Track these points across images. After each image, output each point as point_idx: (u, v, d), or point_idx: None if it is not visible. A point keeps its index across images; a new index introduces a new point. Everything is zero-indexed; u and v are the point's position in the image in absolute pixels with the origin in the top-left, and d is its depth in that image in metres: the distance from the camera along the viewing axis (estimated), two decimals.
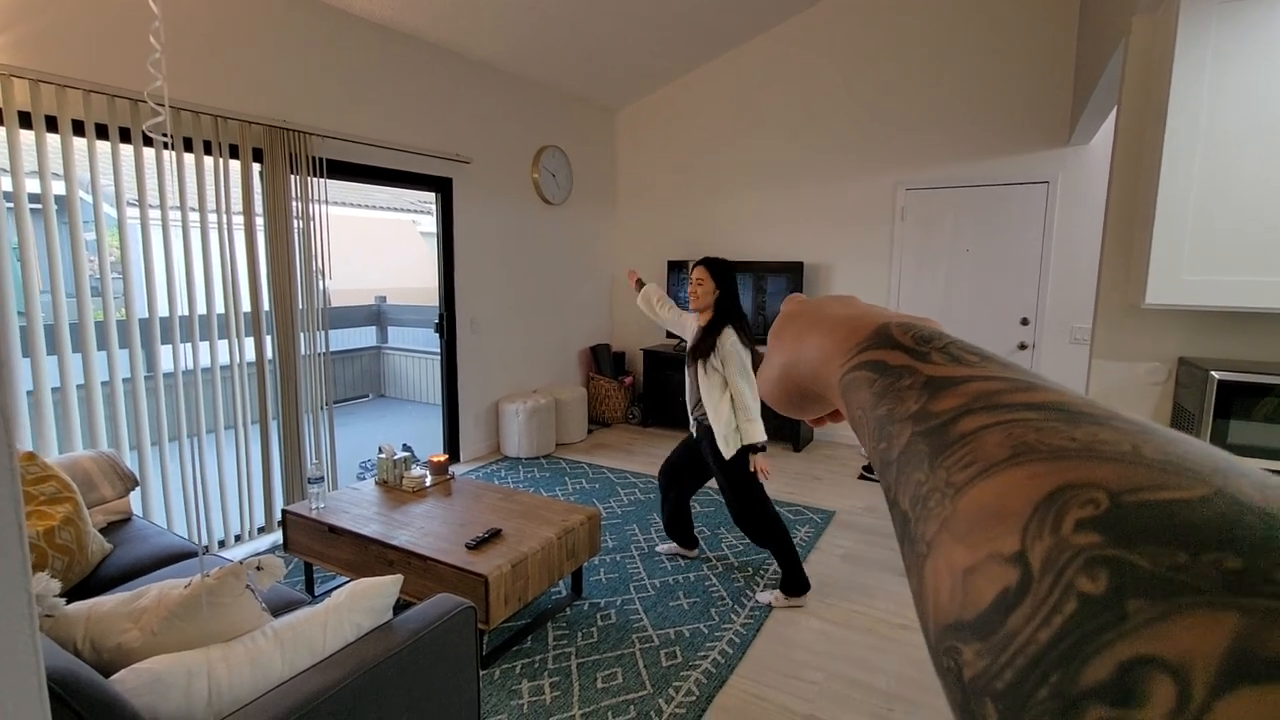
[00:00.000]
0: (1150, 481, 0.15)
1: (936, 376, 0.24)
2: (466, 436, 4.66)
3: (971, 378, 0.23)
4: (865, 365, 0.28)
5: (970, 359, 0.24)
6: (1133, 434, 0.17)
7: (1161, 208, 1.78)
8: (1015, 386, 0.21)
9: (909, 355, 0.26)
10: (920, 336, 0.27)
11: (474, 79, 4.44)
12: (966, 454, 0.19)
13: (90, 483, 2.31)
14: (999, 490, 0.17)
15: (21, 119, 2.43)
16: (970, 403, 0.21)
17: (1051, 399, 0.20)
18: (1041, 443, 0.18)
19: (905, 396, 0.24)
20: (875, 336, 0.29)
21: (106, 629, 1.27)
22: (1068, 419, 0.18)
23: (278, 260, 3.27)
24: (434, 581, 2.25)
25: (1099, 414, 0.19)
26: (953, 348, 0.25)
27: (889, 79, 4.65)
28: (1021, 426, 0.19)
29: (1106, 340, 2.16)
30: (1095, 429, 0.18)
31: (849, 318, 0.32)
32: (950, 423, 0.21)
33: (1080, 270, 4.17)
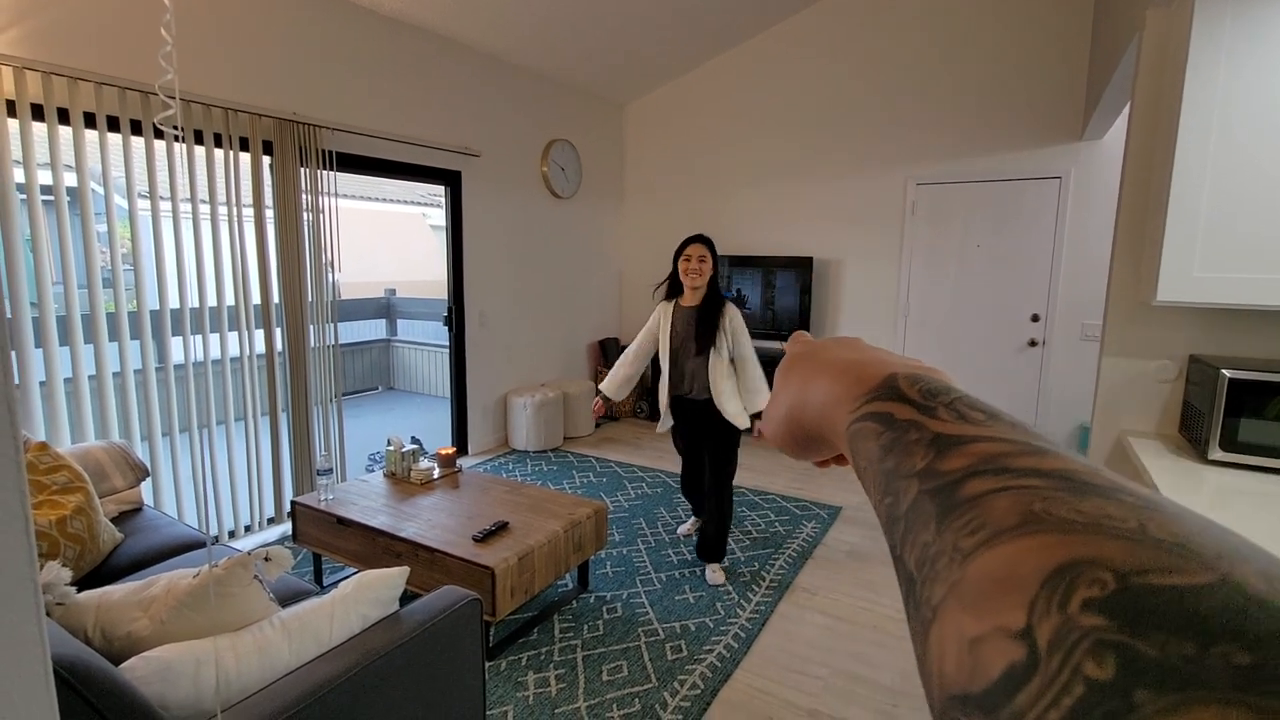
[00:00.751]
0: (1157, 563, 0.15)
1: (944, 434, 0.24)
2: (474, 429, 4.68)
3: (979, 438, 0.23)
4: (872, 416, 0.28)
5: (977, 416, 0.24)
6: (1139, 510, 0.17)
7: (1174, 204, 1.76)
8: (1022, 450, 0.21)
9: (916, 410, 0.26)
10: (928, 390, 0.27)
11: (483, 72, 4.44)
12: (975, 518, 0.19)
13: (102, 473, 2.34)
14: (1007, 559, 0.17)
15: (35, 111, 2.45)
16: (978, 464, 0.21)
17: (1058, 466, 0.20)
18: (1049, 513, 0.18)
19: (912, 452, 0.24)
20: (882, 387, 0.29)
21: (116, 617, 1.29)
22: (1074, 489, 0.19)
23: (287, 253, 3.29)
24: (441, 573, 2.27)
25: (1105, 485, 0.19)
26: (959, 404, 0.25)
27: (899, 72, 4.61)
28: (1029, 494, 0.19)
29: (1117, 337, 2.14)
30: (1102, 502, 0.18)
31: (856, 363, 0.32)
32: (958, 484, 0.21)
33: (1092, 267, 4.13)
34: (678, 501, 3.78)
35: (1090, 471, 0.20)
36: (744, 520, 3.52)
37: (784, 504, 3.77)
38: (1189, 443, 1.95)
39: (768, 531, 3.38)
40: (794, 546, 3.21)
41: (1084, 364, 4.20)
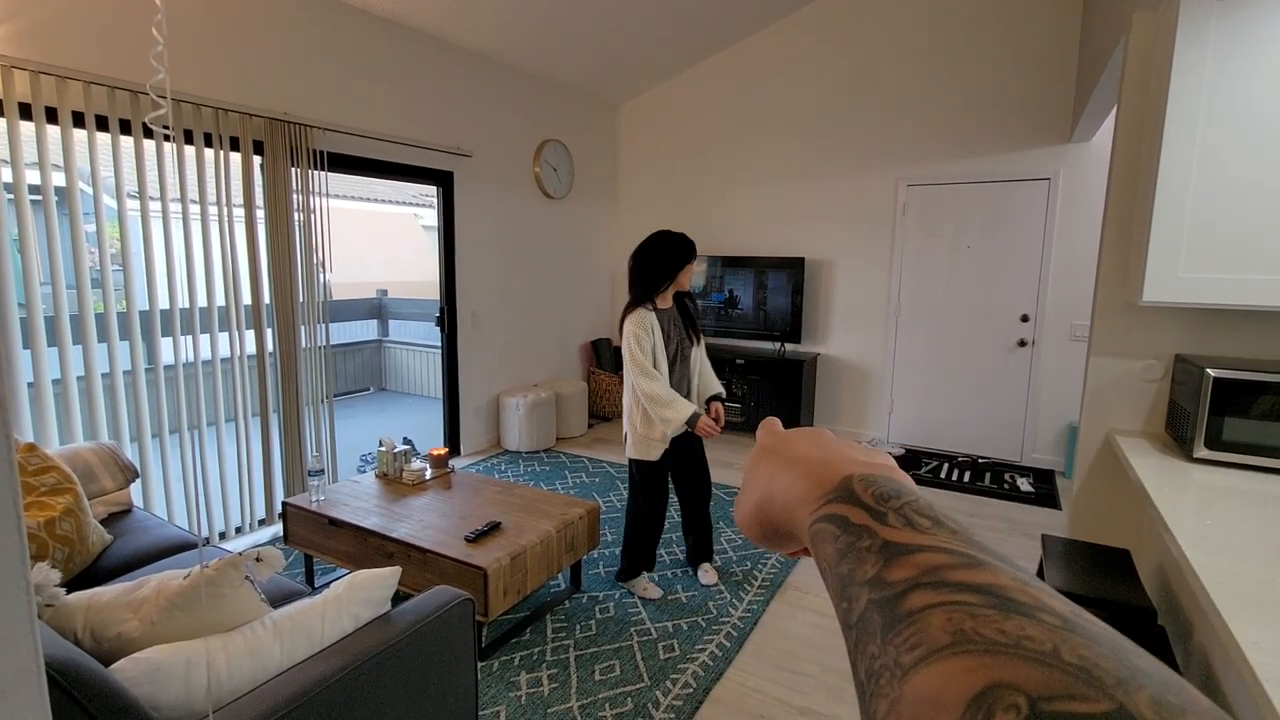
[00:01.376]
0: (1064, 690, 0.17)
1: (892, 542, 0.25)
2: (467, 430, 4.67)
3: (923, 547, 0.24)
4: (830, 519, 0.29)
5: (923, 523, 0.26)
6: (1055, 631, 0.19)
7: (1159, 205, 1.78)
8: (960, 562, 0.23)
9: (869, 515, 0.28)
10: (880, 495, 0.29)
11: (476, 72, 4.43)
12: (913, 634, 0.21)
13: (91, 474, 2.33)
14: (938, 681, 0.19)
15: (22, 110, 2.43)
16: (920, 576, 0.23)
17: (990, 582, 0.22)
18: (977, 632, 0.19)
19: (864, 559, 0.25)
20: (840, 489, 0.30)
21: (106, 619, 1.28)
22: (1002, 607, 0.20)
23: (278, 253, 3.28)
24: (433, 574, 2.27)
25: (1028, 603, 0.20)
26: (908, 509, 0.27)
27: (890, 74, 4.64)
28: (961, 611, 0.20)
29: (1104, 337, 2.17)
30: (1024, 622, 0.19)
31: (818, 462, 0.34)
32: (902, 596, 0.22)
33: (1080, 267, 4.17)
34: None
35: (1018, 586, 0.21)
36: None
37: None
38: (1175, 441, 1.97)
39: None
40: None
41: (1073, 364, 4.24)
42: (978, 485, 4.13)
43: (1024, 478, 4.21)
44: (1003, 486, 4.10)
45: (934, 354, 4.74)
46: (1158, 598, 2.03)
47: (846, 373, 5.09)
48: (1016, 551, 3.22)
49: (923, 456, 4.67)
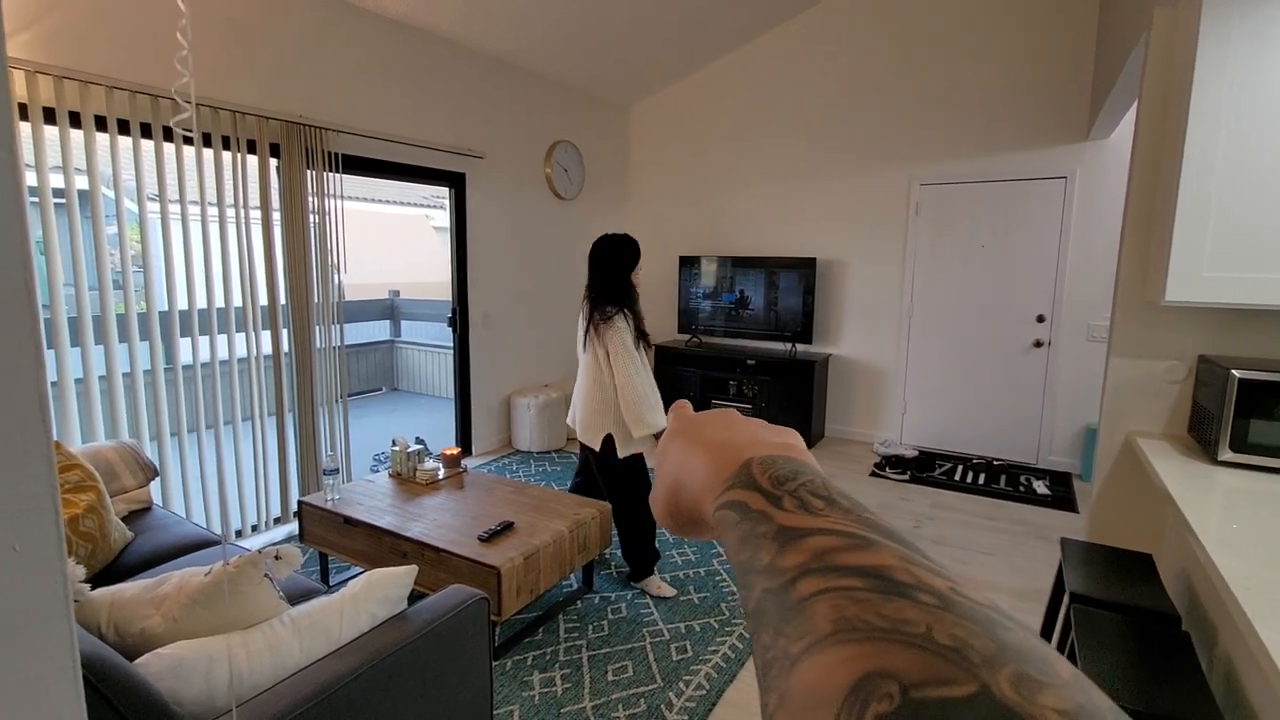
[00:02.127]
0: (934, 675, 0.17)
1: (786, 526, 0.25)
2: (478, 430, 4.69)
3: (815, 530, 0.24)
4: (730, 505, 0.29)
5: (816, 505, 0.26)
6: (931, 612, 0.19)
7: (1182, 204, 1.76)
8: (848, 544, 0.23)
9: (766, 499, 0.27)
10: (777, 478, 0.28)
11: (487, 74, 4.45)
12: (800, 624, 0.21)
13: (112, 472, 2.36)
14: (820, 672, 0.19)
15: (46, 114, 2.46)
16: (810, 561, 0.23)
17: (874, 563, 0.22)
18: (859, 618, 0.20)
19: (760, 546, 0.25)
20: (739, 475, 0.30)
21: (130, 615, 1.30)
22: (884, 589, 0.21)
23: (294, 255, 3.31)
24: (447, 573, 2.28)
25: (909, 583, 0.21)
26: (803, 491, 0.27)
27: (903, 73, 4.61)
28: (845, 597, 0.21)
29: (1125, 338, 2.14)
30: (903, 605, 0.20)
31: (722, 446, 0.33)
32: (792, 584, 0.22)
33: (1098, 267, 4.12)
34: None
35: (901, 565, 0.22)
36: None
37: None
38: (1198, 443, 1.94)
39: None
40: None
41: (1090, 365, 4.19)
42: (992, 487, 4.09)
43: (1040, 480, 4.17)
44: (1018, 489, 4.06)
45: (948, 355, 4.70)
46: (1181, 603, 2.00)
47: (859, 373, 5.06)
48: (1034, 554, 3.19)
49: (936, 458, 4.64)
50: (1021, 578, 2.95)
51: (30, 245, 0.41)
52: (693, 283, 5.48)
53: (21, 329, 0.41)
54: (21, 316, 0.41)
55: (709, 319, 5.45)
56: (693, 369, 5.30)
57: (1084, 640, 1.48)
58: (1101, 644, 1.47)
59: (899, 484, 4.19)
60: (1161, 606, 1.64)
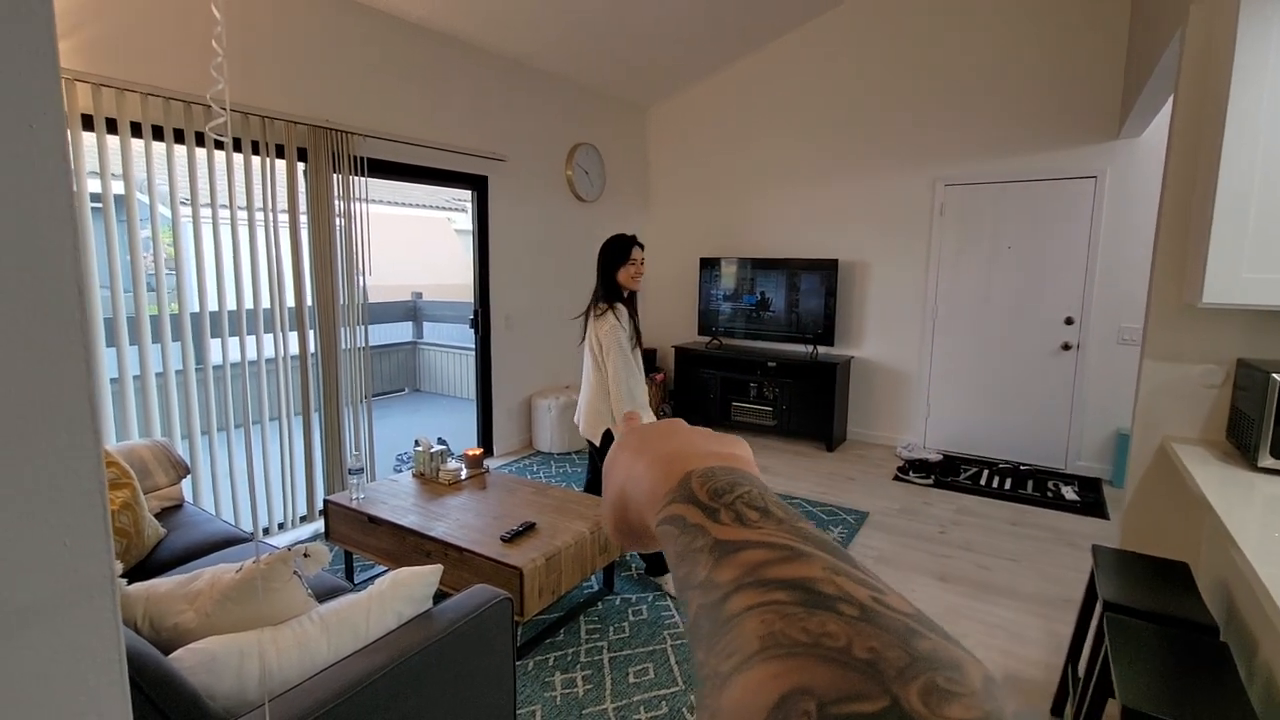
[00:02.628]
0: (848, 690, 0.17)
1: (722, 540, 0.25)
2: (500, 431, 4.72)
3: (749, 543, 0.24)
4: (670, 520, 0.29)
5: (751, 517, 0.26)
6: (852, 624, 0.20)
7: (1221, 203, 1.71)
8: (780, 556, 0.23)
9: (703, 513, 0.27)
10: (715, 490, 0.28)
11: (509, 77, 4.49)
12: (730, 641, 0.21)
13: (146, 470, 2.41)
14: (747, 690, 0.19)
15: (85, 121, 2.53)
16: (743, 576, 0.23)
17: (801, 575, 0.22)
18: (785, 634, 0.20)
19: (698, 561, 0.25)
20: (680, 487, 0.30)
21: (164, 609, 1.33)
22: (809, 603, 0.21)
23: (320, 257, 3.36)
24: (470, 573, 2.29)
25: (834, 594, 0.21)
26: (740, 503, 0.27)
27: (927, 71, 4.55)
28: (773, 612, 0.21)
29: (1159, 341, 2.09)
30: (825, 618, 0.20)
31: (665, 459, 0.33)
32: (724, 600, 0.23)
33: (1129, 268, 4.03)
34: None
35: (827, 576, 0.22)
36: None
37: (810, 508, 3.74)
38: (1237, 449, 1.89)
39: None
40: None
41: (1121, 368, 4.10)
42: (1019, 493, 4.02)
43: (1068, 486, 4.09)
44: (1046, 494, 3.98)
45: (973, 357, 4.63)
46: (1219, 613, 1.94)
47: (881, 376, 5.00)
48: (1062, 562, 3.12)
49: (961, 463, 4.57)
50: (1051, 585, 2.90)
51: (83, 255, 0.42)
52: (713, 284, 5.46)
53: (74, 339, 0.42)
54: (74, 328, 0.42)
55: (729, 321, 5.43)
56: (713, 371, 5.28)
57: (1118, 650, 1.45)
58: (1137, 654, 1.43)
59: (922, 488, 4.13)
60: (1199, 616, 1.60)
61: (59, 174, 0.39)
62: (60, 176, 0.39)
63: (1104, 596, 1.68)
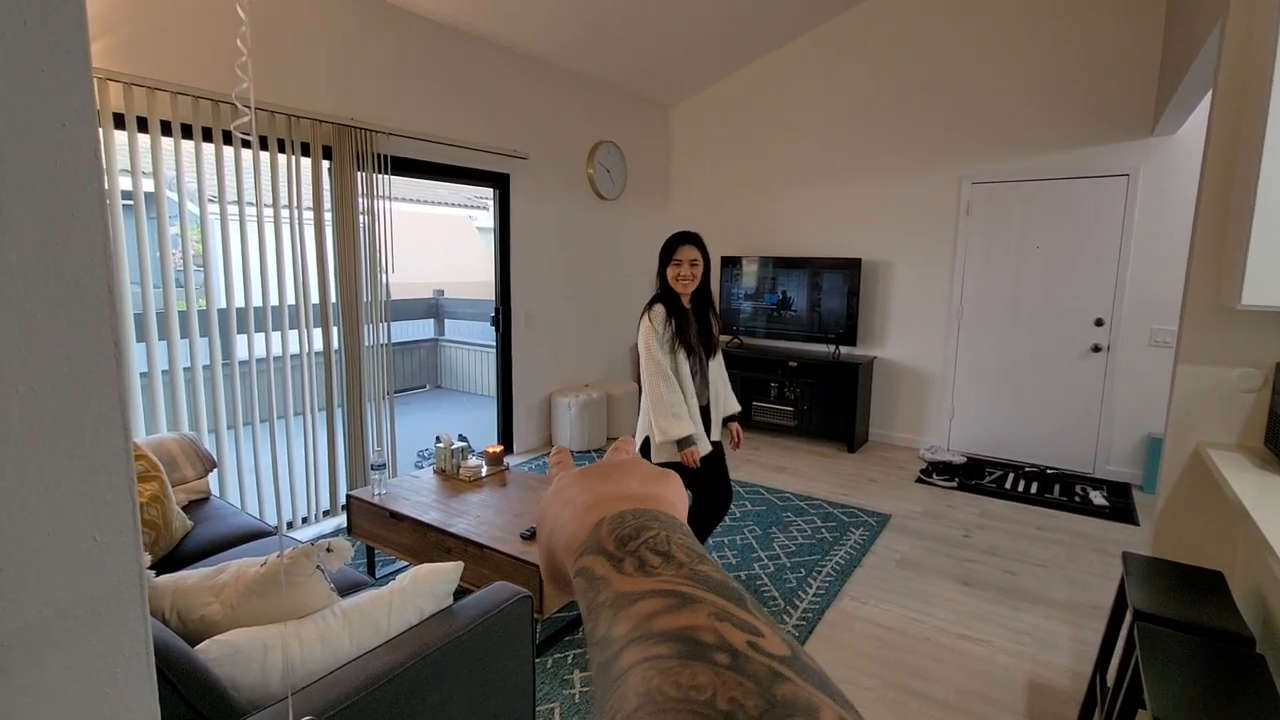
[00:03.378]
0: None
1: (623, 593, 0.25)
2: (519, 428, 4.74)
3: (645, 593, 0.24)
4: (580, 573, 0.29)
5: (653, 563, 0.26)
6: (719, 674, 0.20)
7: (1262, 201, 1.66)
8: (669, 605, 0.23)
9: (609, 563, 0.27)
10: (622, 538, 0.28)
11: (531, 75, 4.50)
12: (614, 700, 0.21)
13: (173, 463, 2.46)
14: None
15: (116, 120, 2.59)
16: (634, 630, 0.23)
17: (685, 626, 0.22)
18: (659, 690, 0.20)
19: (599, 616, 0.25)
20: (590, 539, 0.30)
21: (191, 601, 1.35)
22: (685, 655, 0.21)
23: (344, 254, 3.40)
24: (490, 569, 2.31)
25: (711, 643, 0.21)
26: (644, 549, 0.27)
27: (953, 68, 4.48)
28: (652, 668, 0.21)
29: (1195, 343, 2.03)
30: (697, 670, 0.20)
31: (584, 506, 0.32)
32: (616, 657, 0.23)
33: (1163, 269, 3.93)
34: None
35: (709, 625, 0.22)
36: (789, 526, 3.47)
37: (831, 510, 3.70)
38: (1276, 456, 1.83)
39: (814, 538, 3.33)
40: (841, 554, 3.15)
41: (1153, 371, 4.00)
42: (1046, 497, 3.94)
43: (1097, 490, 4.00)
44: (1073, 499, 3.90)
45: (999, 359, 4.55)
46: (1256, 624, 1.88)
47: (905, 377, 4.94)
48: (1091, 568, 3.06)
49: (986, 466, 4.49)
50: (1079, 592, 2.83)
51: (113, 252, 0.42)
52: (734, 283, 5.43)
53: (104, 335, 0.43)
54: (104, 324, 0.42)
55: (750, 320, 5.40)
56: (734, 370, 5.24)
57: (1149, 660, 1.41)
58: (1168, 665, 1.39)
59: (946, 491, 4.07)
60: (1234, 627, 1.55)
61: (90, 172, 0.40)
62: (92, 174, 0.40)
63: (1134, 605, 1.64)
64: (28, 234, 0.37)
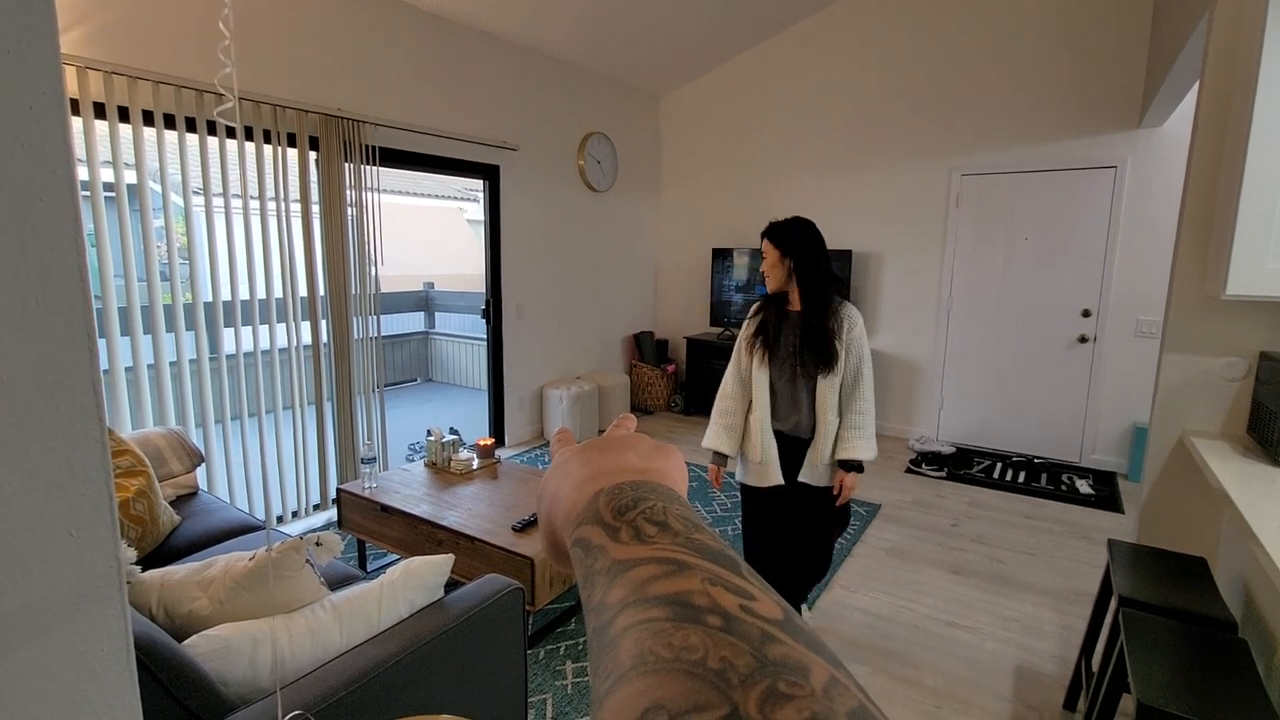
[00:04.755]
0: (695, 702, 0.18)
1: (619, 560, 0.26)
2: (511, 421, 4.73)
3: (641, 560, 0.25)
4: (577, 543, 0.29)
5: (649, 532, 0.26)
6: (711, 635, 0.20)
7: (1247, 193, 1.67)
8: (664, 571, 0.24)
9: (605, 532, 0.28)
10: (619, 508, 0.29)
11: (521, 65, 4.46)
12: (609, 662, 0.21)
13: (160, 458, 2.44)
14: (614, 709, 0.20)
15: (97, 109, 2.54)
16: (629, 595, 0.23)
17: (679, 590, 0.22)
18: (651, 651, 0.20)
19: (595, 584, 0.26)
20: (587, 509, 0.30)
21: (178, 596, 1.34)
22: (679, 617, 0.21)
23: (332, 247, 3.37)
24: (481, 562, 2.30)
25: (704, 606, 0.21)
26: (640, 519, 0.27)
27: (943, 59, 4.48)
28: (647, 630, 0.21)
29: (1180, 333, 2.05)
30: (690, 631, 0.20)
31: (582, 479, 0.33)
32: (611, 622, 0.23)
33: (1148, 260, 3.96)
34: (712, 496, 3.76)
35: (702, 589, 0.22)
36: None
37: None
38: (1258, 444, 1.85)
39: None
40: None
41: (1139, 362, 4.04)
42: (1033, 486, 3.98)
43: (1083, 479, 4.04)
44: (1060, 488, 3.94)
45: (988, 350, 4.58)
46: (1238, 609, 1.91)
47: (895, 368, 4.96)
48: (1077, 556, 3.09)
49: (975, 455, 4.53)
50: (1065, 579, 2.87)
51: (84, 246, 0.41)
52: (725, 275, 5.43)
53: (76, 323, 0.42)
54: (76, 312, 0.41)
55: (741, 311, 5.40)
56: (724, 362, 5.25)
57: (1134, 645, 1.43)
58: (1153, 649, 1.41)
59: (935, 481, 4.10)
60: (1216, 612, 1.57)
61: (60, 155, 0.39)
62: (61, 157, 0.39)
63: (1120, 591, 1.66)
64: None
